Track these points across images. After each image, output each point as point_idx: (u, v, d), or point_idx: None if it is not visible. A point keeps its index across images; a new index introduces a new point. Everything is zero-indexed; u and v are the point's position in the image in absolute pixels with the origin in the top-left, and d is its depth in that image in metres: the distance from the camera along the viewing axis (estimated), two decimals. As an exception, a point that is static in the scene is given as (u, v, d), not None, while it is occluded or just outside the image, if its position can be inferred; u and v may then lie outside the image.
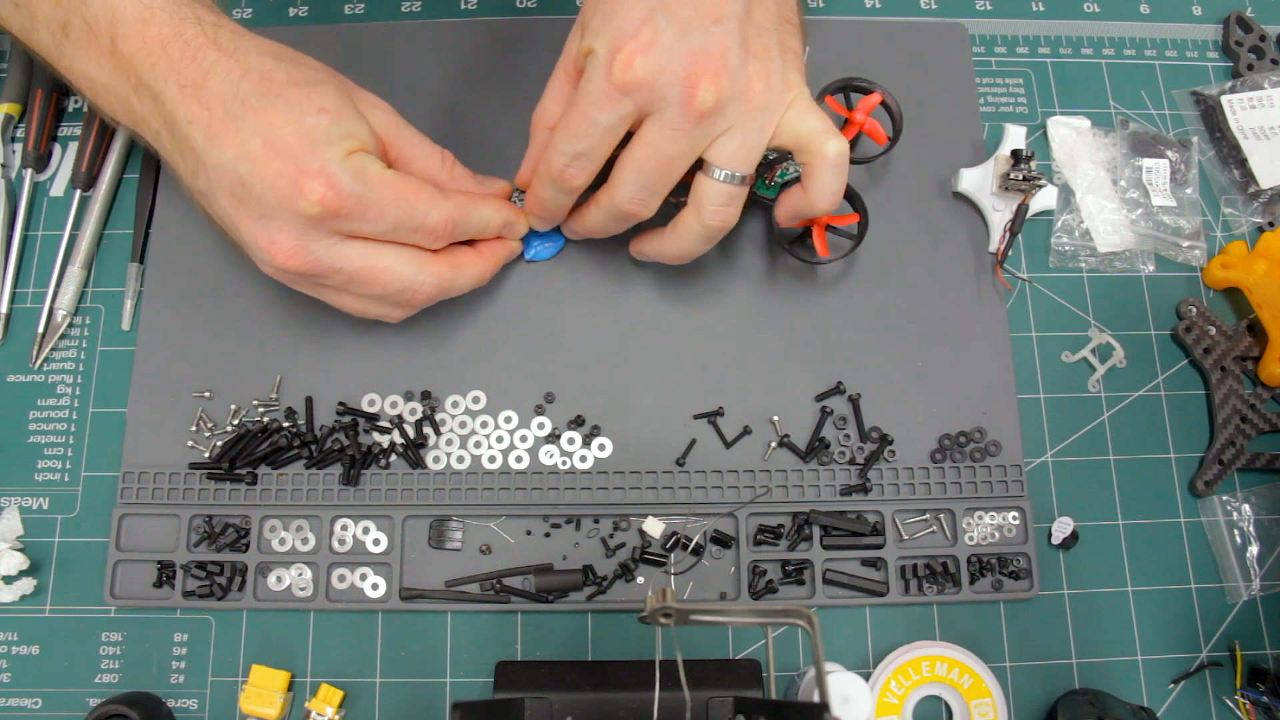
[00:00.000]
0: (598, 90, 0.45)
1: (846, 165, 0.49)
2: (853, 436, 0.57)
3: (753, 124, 0.46)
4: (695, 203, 0.49)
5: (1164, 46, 0.67)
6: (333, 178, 0.44)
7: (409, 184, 0.47)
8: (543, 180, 0.50)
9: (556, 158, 0.48)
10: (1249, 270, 0.60)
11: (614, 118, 0.45)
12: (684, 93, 0.44)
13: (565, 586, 0.54)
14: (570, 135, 0.47)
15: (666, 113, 0.45)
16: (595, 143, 0.47)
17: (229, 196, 0.45)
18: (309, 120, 0.44)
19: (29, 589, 0.53)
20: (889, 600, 0.55)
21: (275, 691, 0.51)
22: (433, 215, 0.48)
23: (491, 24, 0.64)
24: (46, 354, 0.57)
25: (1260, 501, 0.58)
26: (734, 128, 0.46)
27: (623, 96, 0.45)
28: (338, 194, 0.44)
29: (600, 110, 0.45)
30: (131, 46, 0.44)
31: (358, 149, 0.46)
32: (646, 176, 0.47)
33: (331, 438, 0.56)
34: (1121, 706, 0.50)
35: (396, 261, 0.48)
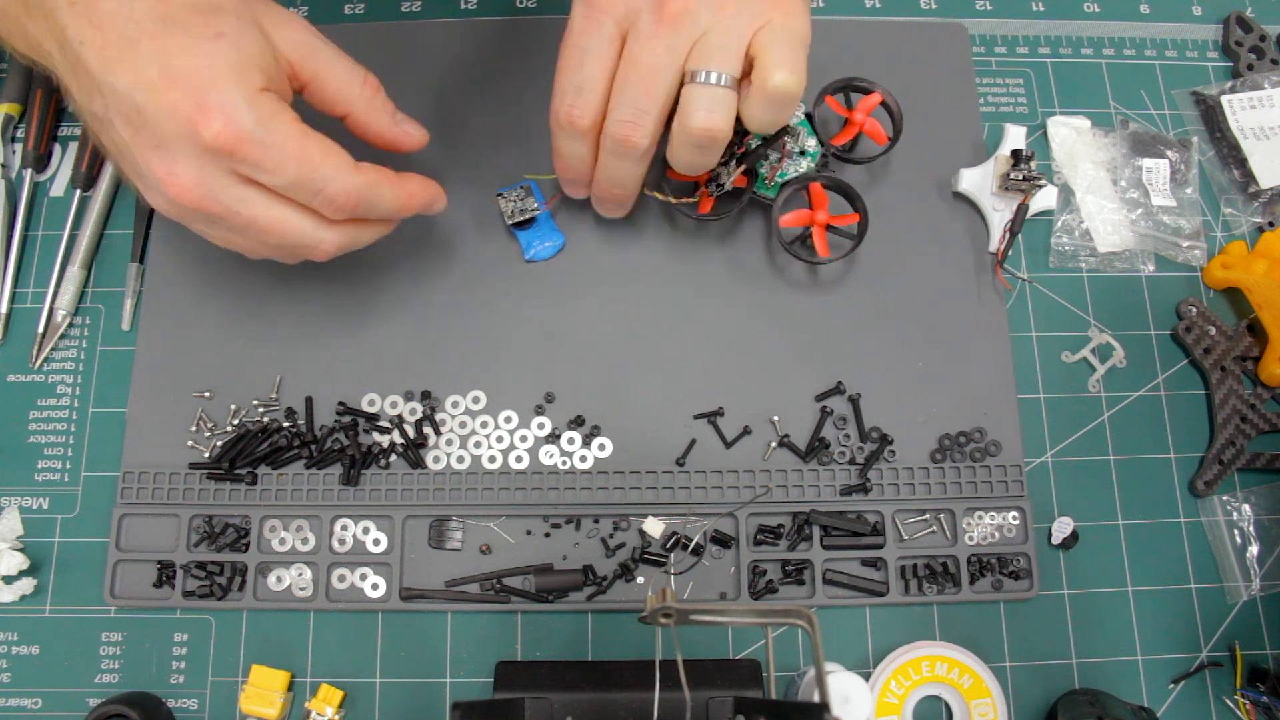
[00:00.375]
0: (579, 17, 0.47)
1: (785, 105, 0.48)
2: (853, 436, 0.57)
3: (729, 27, 0.47)
4: (682, 111, 0.48)
5: (1164, 46, 0.67)
6: (234, 113, 0.41)
7: (318, 144, 0.44)
8: (554, 133, 0.51)
9: (558, 100, 0.49)
10: (1249, 270, 0.60)
11: (598, 40, 0.47)
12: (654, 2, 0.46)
13: (565, 586, 0.54)
14: (565, 71, 0.48)
15: (641, 22, 0.46)
16: (589, 70, 0.47)
17: (125, 123, 0.42)
18: (207, 46, 0.41)
19: (29, 589, 0.53)
20: (889, 600, 0.55)
21: (275, 691, 0.51)
22: (336, 184, 0.44)
23: (491, 24, 0.64)
24: (46, 354, 0.57)
25: (1260, 501, 0.58)
26: (709, 31, 0.47)
27: (600, 15, 0.46)
28: (237, 132, 0.41)
29: (584, 36, 0.47)
30: None
31: (265, 87, 0.42)
32: (633, 92, 0.48)
33: (331, 438, 0.56)
34: (1121, 706, 0.50)
35: (296, 215, 0.45)
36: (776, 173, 0.57)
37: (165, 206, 0.45)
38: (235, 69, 0.41)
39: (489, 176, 0.60)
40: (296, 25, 0.46)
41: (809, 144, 0.58)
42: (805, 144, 0.57)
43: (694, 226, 0.60)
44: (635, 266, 0.59)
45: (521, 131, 0.61)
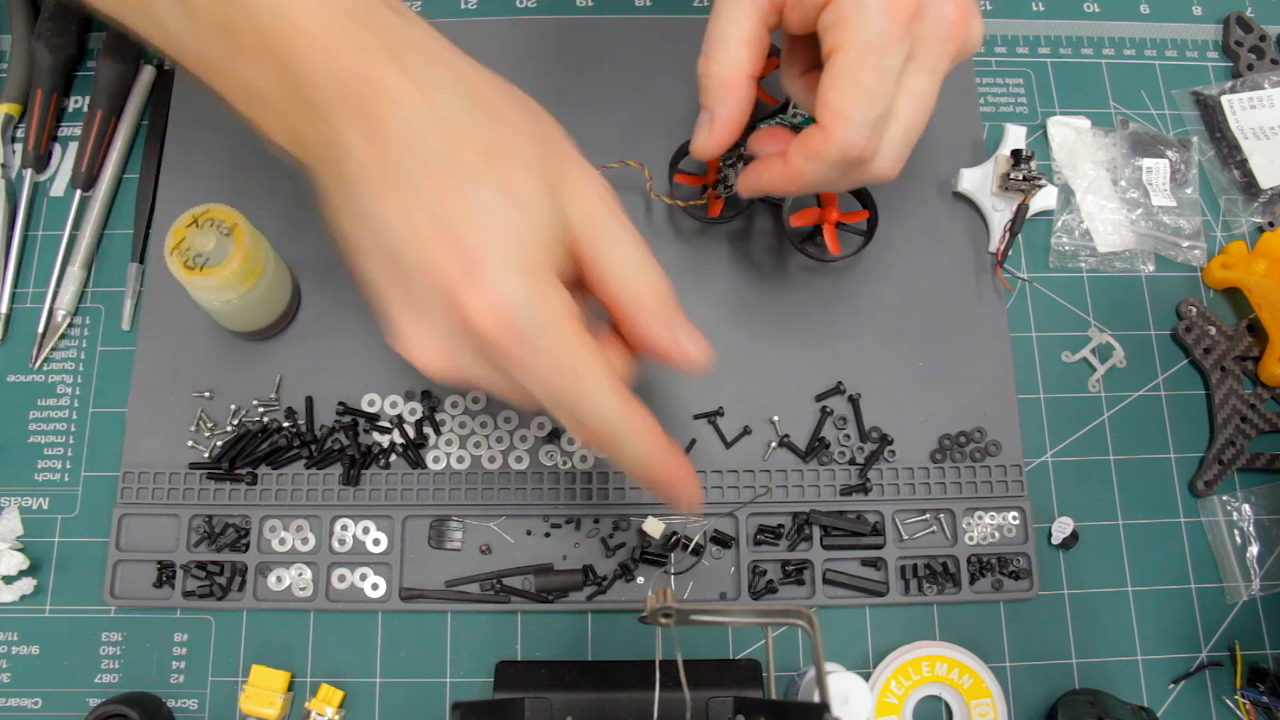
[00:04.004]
0: (882, 34, 0.38)
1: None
2: (853, 436, 0.57)
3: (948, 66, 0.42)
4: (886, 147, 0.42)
5: (1164, 46, 0.67)
6: (504, 298, 0.34)
7: (589, 356, 0.36)
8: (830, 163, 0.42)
9: (856, 132, 0.40)
10: (1249, 270, 0.60)
11: (900, 61, 0.39)
12: (951, 30, 0.40)
13: (565, 586, 0.54)
14: (869, 97, 0.39)
15: (932, 53, 0.40)
16: (890, 97, 0.40)
17: (381, 262, 0.36)
18: (491, 203, 0.34)
19: (29, 589, 0.53)
20: (889, 600, 0.55)
21: (275, 691, 0.51)
22: (586, 408, 0.37)
23: (492, 24, 0.64)
24: (46, 354, 0.57)
25: (1260, 501, 0.58)
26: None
27: (905, 34, 0.38)
28: (502, 321, 0.34)
29: (891, 56, 0.39)
30: (298, 52, 0.35)
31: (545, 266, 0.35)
32: (913, 134, 0.42)
33: (331, 438, 0.56)
34: (1121, 706, 0.50)
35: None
36: None
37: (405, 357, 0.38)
38: (517, 240, 0.35)
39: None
40: (595, 199, 0.38)
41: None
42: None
43: (697, 227, 0.60)
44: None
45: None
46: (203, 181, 0.59)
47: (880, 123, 0.41)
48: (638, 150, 0.58)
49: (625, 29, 0.64)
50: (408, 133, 0.35)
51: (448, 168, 0.35)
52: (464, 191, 0.34)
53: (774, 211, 0.60)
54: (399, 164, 0.35)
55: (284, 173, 0.55)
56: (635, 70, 0.63)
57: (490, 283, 0.34)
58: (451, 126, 0.35)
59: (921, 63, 0.41)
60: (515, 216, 0.35)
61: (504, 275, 0.34)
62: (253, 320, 0.55)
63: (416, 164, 0.35)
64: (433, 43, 0.37)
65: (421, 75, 0.35)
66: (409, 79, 0.35)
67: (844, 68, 0.40)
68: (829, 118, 0.41)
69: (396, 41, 0.36)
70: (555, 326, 0.35)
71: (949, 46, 0.41)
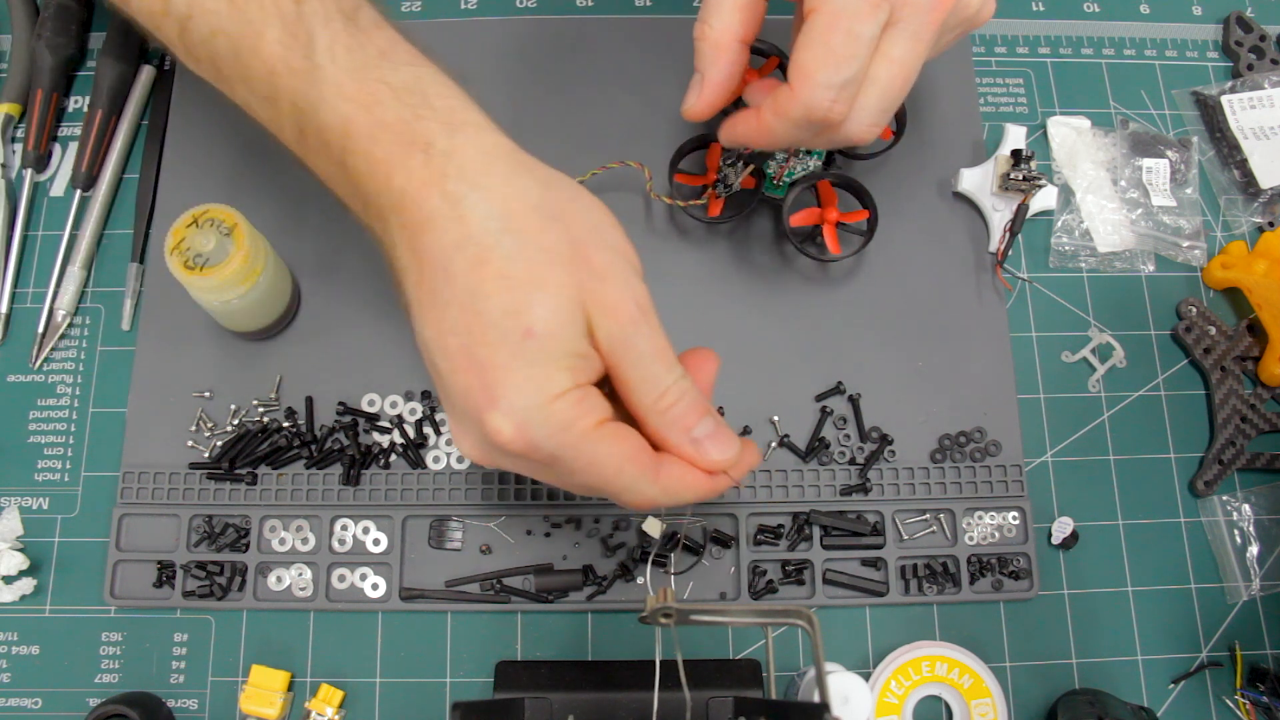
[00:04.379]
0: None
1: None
2: (853, 436, 0.57)
3: (948, 35, 0.44)
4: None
5: (1164, 46, 0.67)
6: (524, 426, 0.36)
7: (617, 454, 0.38)
8: (795, 121, 0.43)
9: (820, 94, 0.41)
10: (1249, 270, 0.60)
11: (874, 29, 0.40)
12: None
13: (565, 586, 0.54)
14: (836, 61, 0.40)
15: (914, 20, 0.41)
16: (861, 62, 0.41)
17: (431, 367, 0.39)
18: (518, 333, 0.36)
19: (29, 589, 0.53)
20: (889, 600, 0.55)
21: (275, 691, 0.51)
22: (629, 497, 0.39)
23: (492, 24, 0.64)
24: (46, 354, 0.57)
25: (1260, 501, 0.58)
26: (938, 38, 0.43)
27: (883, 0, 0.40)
28: (525, 443, 0.36)
29: (863, 22, 0.40)
30: (359, 164, 0.39)
31: (567, 389, 0.36)
32: (889, 100, 0.43)
33: (331, 438, 0.56)
34: (1121, 706, 0.50)
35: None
36: (784, 172, 0.57)
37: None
38: (535, 373, 0.36)
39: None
40: (622, 315, 0.38)
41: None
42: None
43: (697, 227, 0.60)
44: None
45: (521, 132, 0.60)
46: (203, 181, 0.59)
47: (850, 86, 0.41)
48: (638, 150, 0.58)
49: (625, 29, 0.64)
50: (440, 256, 0.36)
51: (473, 291, 0.36)
52: (481, 319, 0.36)
53: (774, 211, 0.60)
54: (433, 285, 0.37)
55: (284, 173, 0.55)
56: (635, 70, 0.63)
57: (509, 410, 0.36)
58: (478, 251, 0.36)
59: (902, 29, 0.41)
60: (528, 343, 0.36)
61: (522, 403, 0.36)
62: (253, 320, 0.55)
63: (446, 286, 0.36)
64: (479, 154, 0.38)
65: (457, 196, 0.37)
66: (447, 203, 0.37)
67: (816, 29, 0.41)
68: (797, 77, 0.42)
69: (440, 161, 0.37)
70: (575, 442, 0.37)
71: (933, 15, 0.41)
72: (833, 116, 0.42)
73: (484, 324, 0.36)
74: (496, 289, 0.36)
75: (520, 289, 0.36)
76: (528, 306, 0.36)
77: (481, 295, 0.36)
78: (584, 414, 0.37)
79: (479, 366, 0.36)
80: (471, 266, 0.36)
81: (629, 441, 0.38)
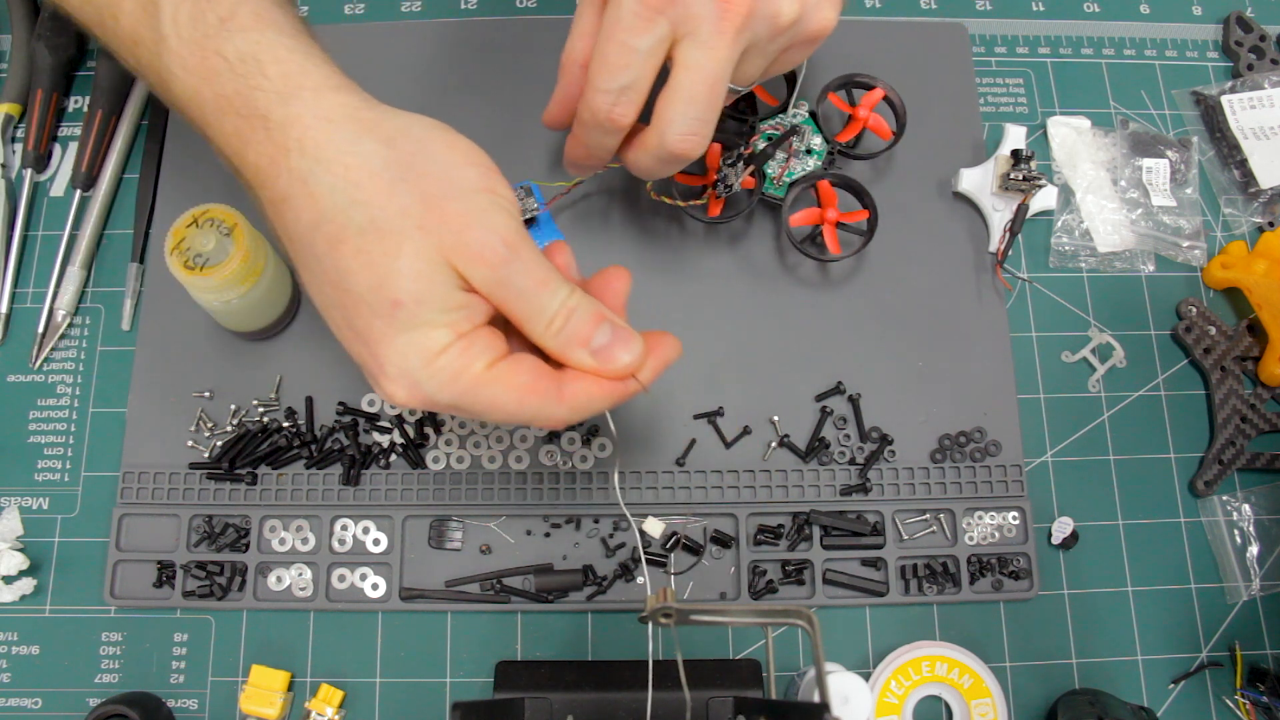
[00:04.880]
0: (629, 14, 0.42)
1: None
2: (853, 436, 0.57)
3: (773, 44, 0.45)
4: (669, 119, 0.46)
5: (1164, 46, 0.67)
6: (417, 387, 0.38)
7: (514, 388, 0.38)
8: (586, 125, 0.47)
9: (600, 98, 0.45)
10: (1249, 270, 0.60)
11: (651, 40, 0.43)
12: (717, 7, 0.42)
13: (565, 586, 0.54)
14: (610, 69, 0.44)
15: (702, 30, 0.43)
16: (637, 71, 0.44)
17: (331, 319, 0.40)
18: (384, 314, 0.37)
19: (29, 589, 0.53)
20: (889, 600, 0.55)
21: (275, 691, 0.51)
22: (541, 423, 0.40)
23: (492, 24, 0.64)
24: (46, 354, 0.57)
25: (1260, 501, 0.58)
26: (756, 45, 0.45)
27: (656, 16, 0.42)
28: (423, 400, 0.38)
29: (635, 34, 0.43)
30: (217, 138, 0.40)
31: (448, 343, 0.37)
32: (695, 106, 0.45)
33: (331, 438, 0.56)
34: (1121, 706, 0.50)
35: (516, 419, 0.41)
36: (784, 172, 0.57)
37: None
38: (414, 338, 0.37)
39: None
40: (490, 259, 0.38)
41: (814, 142, 0.58)
42: (811, 142, 0.58)
43: (697, 227, 0.60)
44: (635, 267, 0.59)
45: (521, 132, 0.61)
46: (203, 181, 0.59)
47: (628, 93, 0.44)
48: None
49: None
50: (303, 235, 0.38)
51: (337, 266, 0.37)
52: (351, 295, 0.37)
53: (774, 212, 0.60)
54: (305, 263, 0.39)
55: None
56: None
57: (395, 373, 0.37)
58: (331, 230, 0.37)
59: (692, 40, 0.43)
60: (399, 313, 0.37)
61: (403, 364, 0.37)
62: (253, 320, 0.55)
63: (315, 265, 0.38)
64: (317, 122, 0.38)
65: (303, 174, 0.37)
66: (296, 181, 0.37)
67: (599, 40, 0.44)
68: (587, 82, 0.45)
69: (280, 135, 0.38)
70: (469, 389, 0.38)
71: (721, 24, 0.43)
72: (617, 118, 0.45)
73: (354, 300, 0.37)
74: (357, 266, 0.37)
75: (379, 263, 0.37)
76: (390, 278, 0.37)
77: (345, 273, 0.37)
78: (471, 361, 0.38)
79: (361, 338, 0.38)
80: (330, 245, 0.37)
81: (524, 373, 0.39)
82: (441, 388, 0.38)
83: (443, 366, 0.37)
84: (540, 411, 0.39)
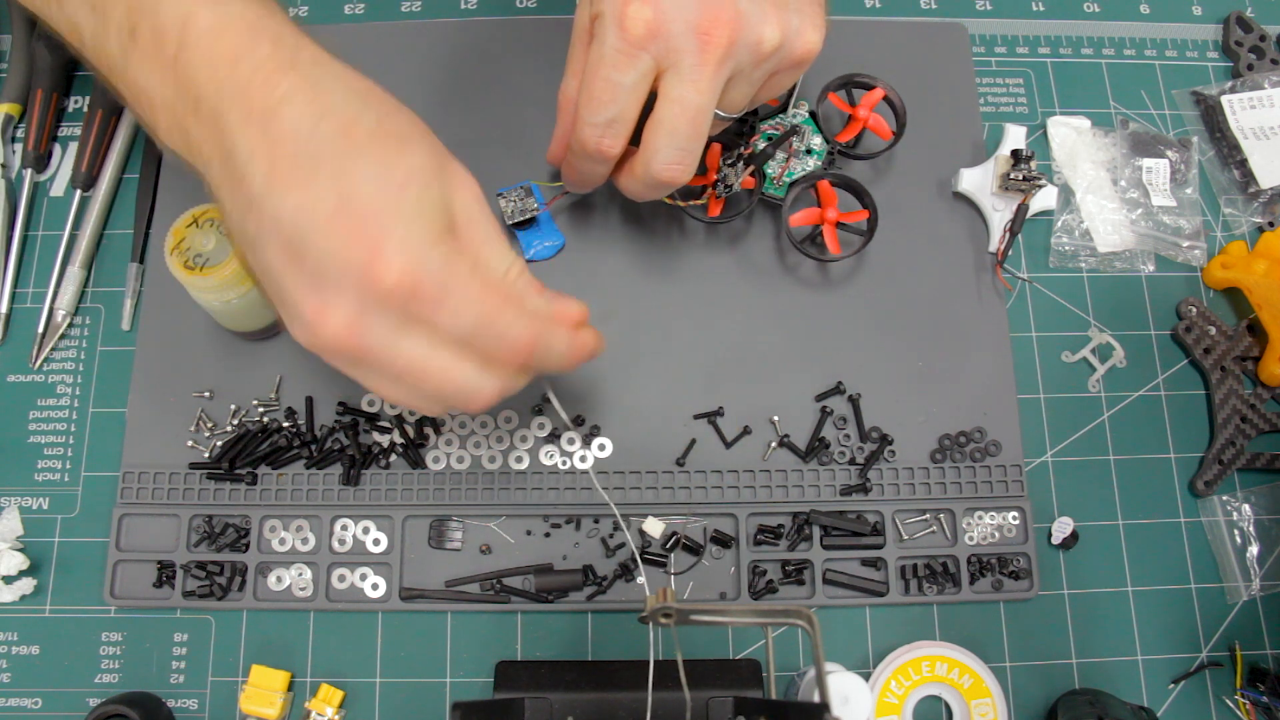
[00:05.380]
0: (612, 50, 0.44)
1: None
2: (853, 436, 0.57)
3: (758, 71, 0.46)
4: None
5: (1164, 46, 0.67)
6: (418, 255, 0.37)
7: (496, 290, 0.40)
8: (578, 156, 0.49)
9: (588, 131, 0.47)
10: (1249, 270, 0.60)
11: (635, 75, 0.44)
12: (697, 40, 0.43)
13: (565, 586, 0.54)
14: (596, 103, 0.46)
15: (684, 64, 0.44)
16: (622, 105, 0.46)
17: (282, 251, 0.38)
18: (396, 184, 0.38)
19: (29, 589, 0.53)
20: (889, 600, 0.55)
21: (275, 691, 0.51)
22: (515, 329, 0.40)
23: (491, 24, 0.64)
24: (46, 354, 0.57)
25: (1260, 501, 0.58)
26: (741, 74, 0.46)
27: (638, 51, 0.44)
28: (420, 276, 0.37)
29: (618, 70, 0.44)
30: (197, 58, 0.38)
31: (445, 234, 0.39)
32: (679, 136, 0.46)
33: (331, 438, 0.56)
34: (1121, 706, 0.50)
35: (456, 361, 0.40)
36: (784, 172, 0.57)
37: (309, 342, 0.40)
38: (420, 210, 0.38)
39: (489, 176, 0.59)
40: (471, 186, 0.42)
41: (814, 142, 0.58)
42: (811, 142, 0.58)
43: (697, 227, 0.60)
44: (635, 267, 0.59)
45: (522, 132, 0.61)
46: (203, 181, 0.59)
47: (615, 125, 0.46)
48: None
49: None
50: (303, 128, 0.37)
51: (347, 150, 0.37)
52: (364, 169, 0.37)
53: (774, 212, 0.60)
54: (298, 153, 0.37)
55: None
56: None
57: (401, 246, 0.37)
58: (344, 117, 0.38)
59: (675, 73, 0.44)
60: (416, 189, 0.38)
61: (414, 237, 0.37)
62: (253, 320, 0.55)
63: (316, 149, 0.37)
64: (321, 52, 0.40)
65: (311, 76, 0.38)
66: (305, 81, 0.38)
67: (585, 76, 0.46)
68: (576, 116, 0.47)
69: (290, 51, 0.39)
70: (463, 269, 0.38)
71: (702, 57, 0.44)
72: (604, 150, 0.47)
73: (359, 180, 0.37)
74: (368, 146, 0.38)
75: (391, 145, 0.38)
76: (400, 159, 0.38)
77: (353, 154, 0.37)
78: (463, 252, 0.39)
79: (359, 219, 0.37)
80: (339, 132, 0.38)
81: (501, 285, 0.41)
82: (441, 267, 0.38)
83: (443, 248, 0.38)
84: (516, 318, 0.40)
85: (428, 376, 0.40)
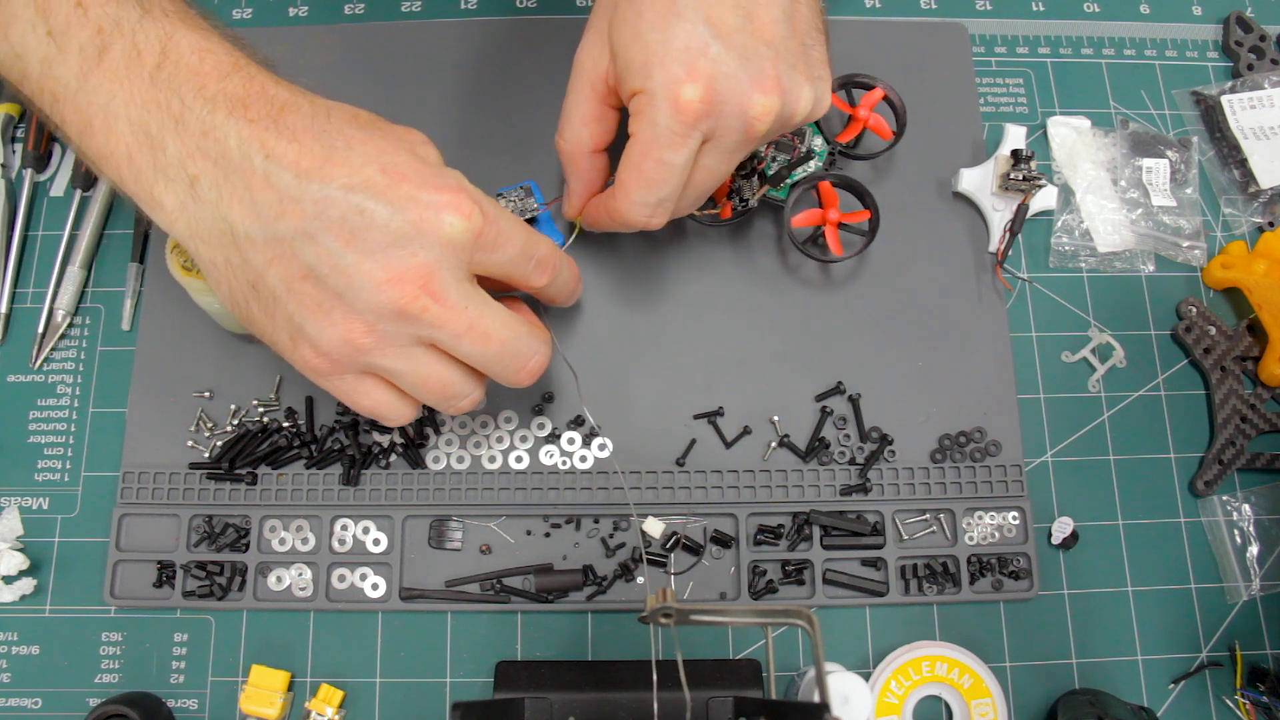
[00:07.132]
0: (667, 131, 0.44)
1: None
2: (853, 436, 0.57)
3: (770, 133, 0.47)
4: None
5: (1164, 46, 0.67)
6: (474, 194, 0.41)
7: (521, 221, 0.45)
8: (619, 226, 0.49)
9: (637, 211, 0.47)
10: (1249, 270, 0.60)
11: (687, 154, 0.45)
12: (744, 119, 0.44)
13: (565, 586, 0.54)
14: (649, 185, 0.46)
15: (728, 138, 0.45)
16: (674, 184, 0.46)
17: (339, 231, 0.39)
18: (421, 149, 0.42)
19: (29, 589, 0.53)
20: (889, 600, 0.55)
21: (275, 691, 0.51)
22: (542, 245, 0.46)
23: (491, 24, 0.64)
24: (46, 354, 0.57)
25: (1260, 501, 0.58)
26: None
27: (692, 131, 0.44)
28: (483, 211, 0.41)
29: (674, 152, 0.44)
30: (181, 74, 0.40)
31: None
32: (700, 195, 0.48)
33: (331, 438, 0.56)
34: (1121, 706, 0.50)
35: (457, 374, 0.44)
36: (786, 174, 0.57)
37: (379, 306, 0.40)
38: (450, 168, 0.42)
39: (489, 176, 0.60)
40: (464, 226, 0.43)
41: (815, 143, 0.58)
42: (812, 143, 0.58)
43: (695, 227, 0.60)
44: (635, 267, 0.59)
45: (522, 131, 0.61)
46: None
47: (665, 203, 0.47)
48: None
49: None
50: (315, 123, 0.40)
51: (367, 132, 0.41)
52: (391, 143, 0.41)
53: (776, 212, 0.60)
54: (322, 144, 0.40)
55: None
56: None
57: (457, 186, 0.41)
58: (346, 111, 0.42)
59: (717, 144, 0.45)
60: (429, 152, 0.44)
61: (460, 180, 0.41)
62: (253, 320, 0.55)
63: (339, 136, 0.40)
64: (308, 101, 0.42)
65: (296, 90, 0.42)
66: (291, 91, 0.41)
67: (633, 154, 0.45)
68: (619, 192, 0.47)
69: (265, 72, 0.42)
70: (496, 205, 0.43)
71: (745, 136, 0.45)
72: (653, 225, 0.48)
73: (392, 144, 0.41)
74: (380, 125, 0.42)
75: (388, 125, 0.43)
76: (402, 132, 0.43)
77: (372, 131, 0.41)
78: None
79: (408, 174, 0.40)
80: (350, 119, 0.41)
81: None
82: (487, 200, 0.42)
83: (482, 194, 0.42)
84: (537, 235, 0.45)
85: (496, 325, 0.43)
